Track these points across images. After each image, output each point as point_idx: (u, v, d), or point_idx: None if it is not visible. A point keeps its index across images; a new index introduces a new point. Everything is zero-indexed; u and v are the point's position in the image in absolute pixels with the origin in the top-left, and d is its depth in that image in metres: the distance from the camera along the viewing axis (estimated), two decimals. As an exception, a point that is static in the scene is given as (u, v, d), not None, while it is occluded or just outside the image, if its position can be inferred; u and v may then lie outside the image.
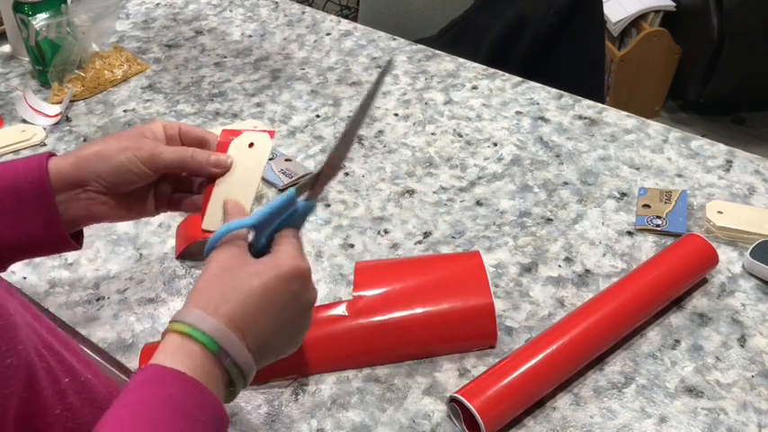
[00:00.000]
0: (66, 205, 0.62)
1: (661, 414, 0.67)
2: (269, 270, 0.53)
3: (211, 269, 0.53)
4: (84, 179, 0.61)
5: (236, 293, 0.51)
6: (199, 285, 0.53)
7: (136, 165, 0.61)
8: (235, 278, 0.52)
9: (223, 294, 0.51)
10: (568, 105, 1.08)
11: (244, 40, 1.28)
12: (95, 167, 0.61)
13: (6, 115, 1.10)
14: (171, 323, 0.51)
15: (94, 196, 0.62)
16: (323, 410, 0.68)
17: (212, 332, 0.49)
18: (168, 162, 0.62)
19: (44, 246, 0.63)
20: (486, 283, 0.72)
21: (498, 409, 0.64)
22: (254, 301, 0.52)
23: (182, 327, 0.50)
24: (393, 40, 1.26)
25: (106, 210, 0.63)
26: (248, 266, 0.53)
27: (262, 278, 0.52)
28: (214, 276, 0.53)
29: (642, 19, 2.35)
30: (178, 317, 0.51)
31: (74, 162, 0.61)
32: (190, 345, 0.49)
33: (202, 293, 0.52)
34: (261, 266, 0.53)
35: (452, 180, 0.95)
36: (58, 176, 0.61)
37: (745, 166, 0.95)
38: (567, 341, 0.68)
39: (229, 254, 0.54)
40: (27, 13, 1.09)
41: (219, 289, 0.52)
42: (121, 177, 0.61)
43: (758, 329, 0.74)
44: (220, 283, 0.52)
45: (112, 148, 0.62)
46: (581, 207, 0.90)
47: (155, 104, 1.12)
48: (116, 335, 0.76)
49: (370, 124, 1.06)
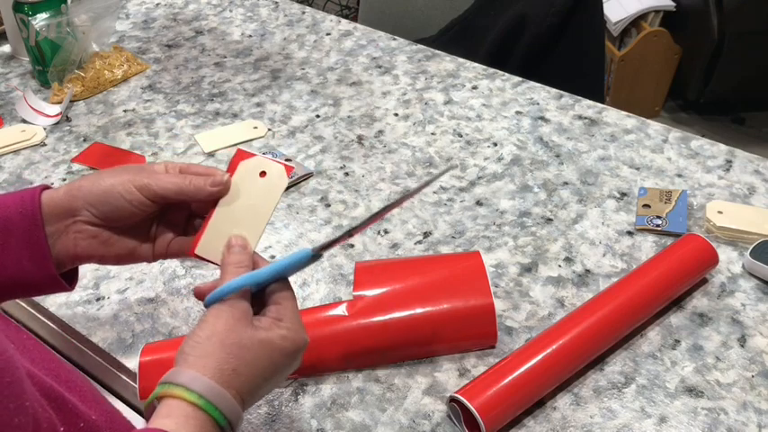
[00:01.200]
0: (56, 238, 0.59)
1: (661, 414, 0.67)
2: (276, 342, 0.53)
3: (219, 330, 0.52)
4: (75, 207, 0.59)
5: (248, 368, 0.51)
6: (206, 347, 0.51)
7: (130, 192, 0.58)
8: (245, 348, 0.52)
9: (235, 366, 0.51)
10: (568, 105, 1.08)
11: (244, 40, 1.28)
12: (88, 195, 0.59)
13: (6, 115, 1.10)
14: (179, 388, 0.49)
15: (84, 227, 0.60)
16: (323, 410, 0.68)
17: (224, 408, 0.49)
18: (164, 187, 0.59)
19: (31, 284, 0.60)
20: (487, 283, 0.72)
21: (498, 409, 0.64)
22: (261, 372, 0.52)
23: (195, 398, 0.48)
24: (393, 40, 1.26)
25: (95, 245, 0.60)
26: (257, 334, 0.52)
27: (269, 350, 0.52)
28: (225, 342, 0.51)
29: (642, 19, 2.35)
30: (189, 383, 0.49)
31: (67, 190, 0.59)
32: (200, 414, 0.48)
33: (213, 360, 0.50)
34: (268, 335, 0.53)
35: (452, 180, 0.95)
36: (50, 205, 0.58)
37: (745, 166, 0.95)
38: (567, 341, 0.68)
39: (237, 316, 0.53)
40: (27, 13, 1.09)
41: (231, 358, 0.51)
42: (113, 204, 0.59)
43: (758, 329, 0.74)
44: (232, 351, 0.51)
45: (108, 175, 0.59)
46: (581, 207, 0.90)
47: (155, 104, 1.12)
48: (116, 335, 0.76)
49: (370, 124, 1.06)
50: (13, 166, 1.00)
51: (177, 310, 0.78)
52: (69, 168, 1.00)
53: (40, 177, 0.98)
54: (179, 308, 0.79)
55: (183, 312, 0.78)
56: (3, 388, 0.41)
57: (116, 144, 1.04)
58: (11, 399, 0.41)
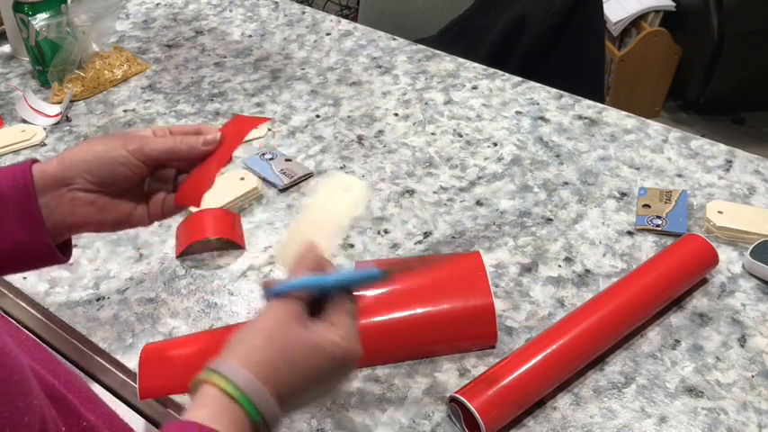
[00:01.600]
0: (51, 208, 0.59)
1: (661, 414, 0.67)
2: (325, 348, 0.52)
3: (268, 326, 0.51)
4: (69, 176, 0.59)
5: (289, 365, 0.50)
6: (252, 339, 0.51)
7: (124, 156, 0.59)
8: (290, 346, 0.51)
9: (276, 362, 0.50)
10: (568, 105, 1.08)
11: (244, 40, 1.28)
12: (81, 162, 0.59)
13: (6, 115, 1.10)
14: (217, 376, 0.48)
15: (80, 195, 0.60)
16: (323, 410, 0.68)
17: (259, 403, 0.48)
18: (158, 149, 0.60)
19: (29, 257, 0.60)
20: (487, 283, 0.72)
21: (498, 409, 0.64)
22: (302, 375, 0.51)
23: (230, 388, 0.48)
24: (393, 40, 1.26)
25: (93, 211, 0.61)
26: (306, 335, 0.51)
27: (317, 354, 0.51)
28: (270, 337, 0.51)
29: (642, 19, 2.35)
30: (227, 372, 0.49)
31: (59, 160, 0.60)
32: (235, 407, 0.48)
33: (254, 353, 0.50)
34: (317, 340, 0.52)
35: (452, 180, 0.95)
36: (42, 176, 0.59)
37: (745, 166, 0.95)
38: (567, 341, 0.68)
39: (290, 313, 0.52)
40: (27, 13, 1.09)
41: (272, 355, 0.50)
42: (109, 170, 0.60)
43: (758, 329, 0.74)
44: (276, 347, 0.50)
45: (99, 143, 0.60)
46: (581, 207, 0.90)
47: (155, 104, 1.12)
48: (116, 335, 0.76)
49: (370, 124, 1.06)
50: (13, 166, 1.00)
51: (177, 310, 0.78)
52: (69, 168, 0.99)
53: (40, 177, 0.98)
54: (179, 308, 0.79)
55: (182, 312, 0.78)
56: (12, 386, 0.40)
57: (116, 144, 1.04)
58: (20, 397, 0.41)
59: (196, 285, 0.81)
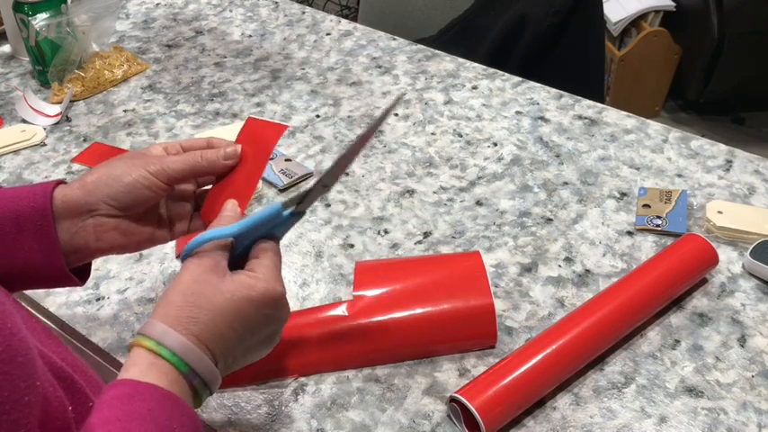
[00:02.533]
0: (72, 233, 0.59)
1: (661, 414, 0.67)
2: (242, 291, 0.53)
3: (184, 280, 0.53)
4: (92, 203, 0.59)
5: (207, 313, 0.51)
6: (170, 296, 0.52)
7: (146, 177, 0.59)
8: (207, 295, 0.52)
9: (194, 313, 0.51)
10: (568, 105, 1.08)
11: (244, 40, 1.28)
12: (104, 188, 0.59)
13: (6, 115, 1.10)
14: (139, 336, 0.50)
15: (104, 221, 0.60)
16: (323, 410, 0.68)
17: (182, 353, 0.49)
18: (179, 169, 0.60)
19: (42, 277, 0.60)
20: (487, 283, 0.72)
21: (498, 409, 0.64)
22: (223, 321, 0.52)
23: (151, 344, 0.49)
24: (393, 40, 1.26)
25: (117, 236, 0.61)
26: (222, 284, 0.53)
27: (234, 299, 0.52)
28: (186, 290, 0.52)
29: (642, 19, 2.35)
30: (147, 331, 0.50)
31: (80, 186, 0.59)
32: (161, 362, 0.49)
33: (172, 307, 0.51)
34: (234, 286, 0.53)
35: (452, 180, 0.95)
36: (65, 202, 0.59)
37: (745, 166, 0.95)
38: (567, 341, 0.68)
39: (205, 265, 0.53)
40: (27, 13, 1.09)
41: (190, 306, 0.51)
42: (133, 194, 0.60)
43: (758, 329, 0.74)
44: (192, 299, 0.51)
45: (119, 166, 0.60)
46: (581, 207, 0.90)
47: (155, 104, 1.12)
48: (116, 335, 0.76)
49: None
50: (13, 166, 1.00)
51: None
52: (69, 168, 0.99)
53: (40, 177, 0.98)
54: (179, 308, 0.79)
55: (182, 312, 0.78)
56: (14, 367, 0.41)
57: (116, 144, 1.04)
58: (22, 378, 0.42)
59: None
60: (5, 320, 0.42)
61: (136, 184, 0.59)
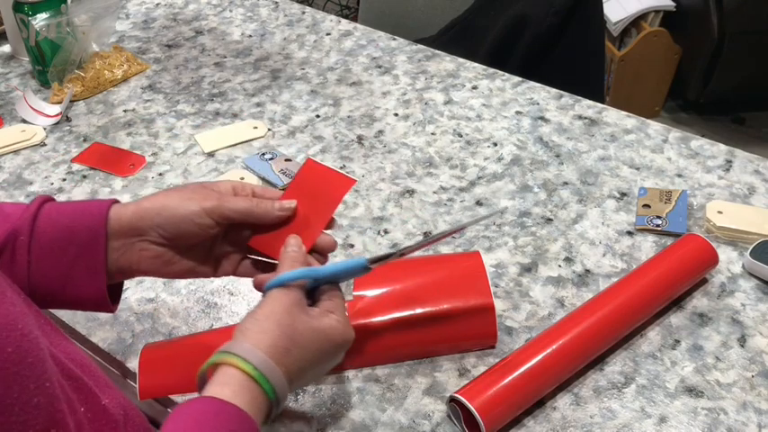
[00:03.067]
0: (120, 253, 0.60)
1: (661, 414, 0.67)
2: (328, 331, 0.57)
3: (277, 310, 0.56)
4: (143, 227, 0.60)
5: (298, 348, 0.55)
6: (264, 323, 0.55)
7: (198, 214, 0.60)
8: (299, 331, 0.55)
9: (288, 345, 0.54)
10: (568, 105, 1.08)
11: (244, 40, 1.28)
12: (156, 216, 0.60)
13: (6, 115, 1.10)
14: (235, 357, 0.52)
15: (150, 247, 0.61)
16: (323, 410, 0.68)
17: (275, 382, 0.53)
18: (234, 209, 0.61)
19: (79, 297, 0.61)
20: (486, 283, 0.72)
21: (498, 409, 0.64)
22: (309, 357, 0.56)
23: (248, 368, 0.52)
24: (393, 40, 1.26)
25: (158, 263, 0.62)
26: (311, 321, 0.57)
27: (321, 338, 0.56)
28: (281, 321, 0.55)
29: (642, 19, 2.35)
30: (244, 354, 0.52)
31: (135, 210, 0.60)
32: (253, 386, 0.52)
33: (268, 336, 0.54)
34: (321, 325, 0.57)
35: (452, 180, 0.95)
36: (118, 222, 0.60)
37: (745, 166, 0.95)
38: (567, 341, 0.68)
39: (293, 300, 0.57)
40: (27, 13, 1.09)
41: (285, 338, 0.54)
42: (181, 227, 0.60)
43: (758, 329, 0.74)
44: (287, 332, 0.55)
45: (176, 197, 0.61)
46: (581, 207, 0.90)
47: (155, 104, 1.12)
48: (116, 335, 0.76)
49: (370, 124, 1.06)
50: (13, 166, 1.00)
51: (177, 310, 0.78)
52: (69, 168, 1.00)
53: (39, 177, 0.98)
54: (179, 308, 0.79)
55: (182, 312, 0.78)
56: (24, 368, 0.42)
57: (116, 144, 1.04)
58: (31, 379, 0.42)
59: (196, 285, 0.81)
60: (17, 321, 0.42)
61: (186, 218, 0.60)
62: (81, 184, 0.96)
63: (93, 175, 0.98)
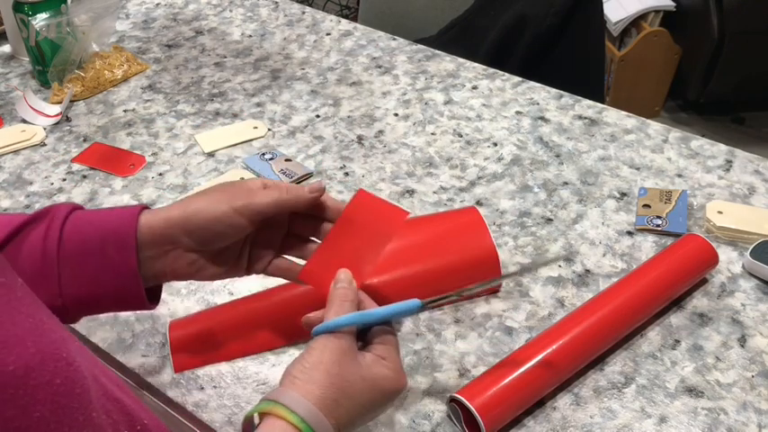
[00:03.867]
0: (153, 262, 0.60)
1: (661, 414, 0.67)
2: (380, 381, 0.55)
3: (326, 361, 0.54)
4: (173, 235, 0.59)
5: (348, 400, 0.53)
6: (312, 373, 0.53)
7: (228, 216, 0.59)
8: (349, 381, 0.54)
9: (337, 397, 0.53)
10: (568, 105, 1.08)
11: (244, 40, 1.28)
12: (186, 223, 0.59)
13: (6, 115, 1.10)
14: (283, 407, 0.51)
15: (183, 255, 0.60)
16: (323, 410, 0.68)
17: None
18: (265, 202, 0.60)
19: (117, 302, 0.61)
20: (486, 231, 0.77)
21: (498, 409, 0.64)
22: (359, 408, 0.54)
23: (297, 421, 0.50)
24: (393, 40, 1.26)
25: (193, 270, 0.61)
26: (362, 370, 0.55)
27: (372, 389, 0.54)
28: (331, 370, 0.53)
29: (642, 19, 2.35)
30: (294, 406, 0.51)
31: (165, 218, 0.59)
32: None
33: (317, 387, 0.52)
34: (372, 374, 0.55)
35: (452, 180, 0.95)
36: (150, 232, 0.59)
37: (745, 166, 0.95)
38: (567, 341, 0.68)
39: (344, 348, 0.55)
40: (27, 13, 1.09)
41: (334, 390, 0.53)
42: (212, 230, 0.59)
43: (758, 329, 0.74)
44: (336, 382, 0.53)
45: (204, 200, 0.60)
46: (581, 207, 0.90)
47: (155, 104, 1.12)
48: (116, 335, 0.76)
49: (370, 124, 1.06)
50: (13, 166, 1.00)
51: (177, 310, 0.78)
52: (69, 168, 1.00)
53: (40, 177, 0.98)
54: (179, 308, 0.79)
55: (183, 312, 0.78)
56: (73, 400, 0.40)
57: (116, 144, 1.04)
58: (80, 411, 0.40)
59: (196, 285, 0.81)
60: (61, 350, 0.40)
61: (217, 221, 0.59)
62: (81, 184, 0.96)
63: (93, 175, 0.98)
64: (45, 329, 0.40)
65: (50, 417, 0.37)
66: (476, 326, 0.75)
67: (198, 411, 0.68)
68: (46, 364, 0.37)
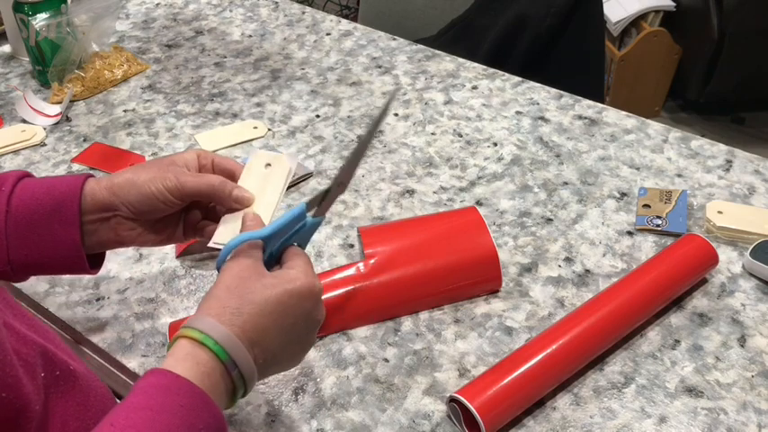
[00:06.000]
0: (95, 226, 0.64)
1: (661, 414, 0.67)
2: (284, 284, 0.54)
3: (226, 278, 0.54)
4: (114, 204, 0.63)
5: (251, 305, 0.52)
6: (213, 292, 0.53)
7: (162, 193, 0.62)
8: (250, 289, 0.53)
9: (238, 305, 0.52)
10: (568, 105, 1.08)
11: (244, 40, 1.28)
12: (126, 194, 0.63)
13: (6, 115, 1.10)
14: (183, 328, 0.51)
15: (123, 221, 0.64)
16: (323, 410, 0.68)
17: (224, 341, 0.50)
18: (192, 191, 0.63)
19: (59, 264, 0.64)
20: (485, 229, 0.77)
21: (498, 409, 0.64)
22: (267, 314, 0.53)
23: (194, 333, 0.50)
24: (393, 40, 1.26)
25: (134, 235, 0.65)
26: (264, 278, 0.54)
27: (276, 292, 0.53)
28: (229, 285, 0.53)
29: (642, 19, 2.35)
30: (191, 323, 0.51)
31: (107, 186, 0.63)
32: (200, 352, 0.50)
33: (216, 301, 0.53)
34: (276, 280, 0.54)
35: (452, 180, 0.95)
36: (93, 199, 0.63)
37: (745, 165, 0.95)
38: (567, 341, 0.68)
39: (245, 264, 0.55)
40: (27, 13, 1.09)
41: (234, 298, 0.52)
42: (149, 205, 0.63)
43: (758, 329, 0.74)
44: (236, 292, 0.53)
45: (142, 176, 0.63)
46: (581, 207, 0.90)
47: (155, 104, 1.12)
48: (116, 335, 0.76)
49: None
50: (13, 166, 1.00)
51: (177, 310, 0.78)
52: (69, 168, 0.99)
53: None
54: (179, 308, 0.79)
55: (183, 312, 0.78)
56: None
57: (116, 144, 1.04)
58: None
59: (196, 285, 0.81)
60: None
61: (152, 196, 0.63)
62: (81, 184, 0.96)
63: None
64: None
65: None
66: (476, 326, 0.75)
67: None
68: None
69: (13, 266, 0.62)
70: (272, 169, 0.66)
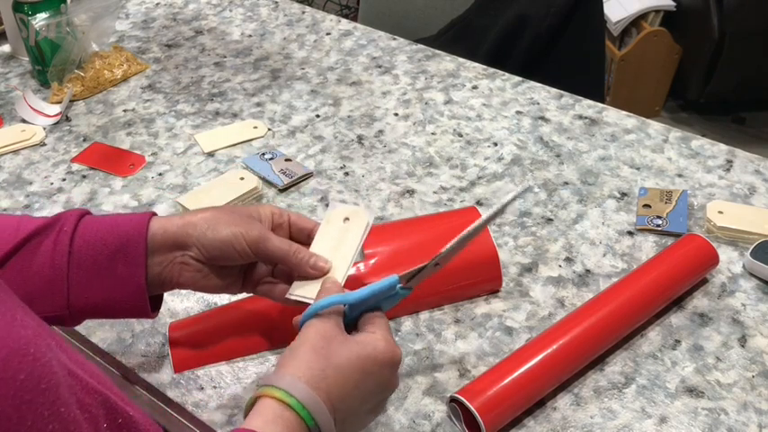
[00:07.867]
0: (162, 267, 0.62)
1: (661, 414, 0.67)
2: (368, 349, 0.54)
3: (311, 338, 0.54)
4: (187, 243, 0.61)
5: (335, 369, 0.53)
6: (299, 352, 0.53)
7: (241, 245, 0.61)
8: (336, 352, 0.53)
9: (323, 366, 0.53)
10: (568, 105, 1.08)
11: (244, 39, 1.28)
12: (201, 234, 0.61)
13: (6, 115, 1.10)
14: (270, 387, 0.51)
15: (191, 262, 0.62)
16: (323, 410, 0.68)
17: (311, 407, 0.51)
18: (272, 252, 0.62)
19: (119, 309, 0.62)
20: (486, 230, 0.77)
21: (498, 409, 0.64)
22: (350, 379, 0.53)
23: (283, 395, 0.51)
24: (393, 40, 1.26)
25: (198, 277, 0.63)
26: (348, 343, 0.54)
27: (361, 358, 0.54)
28: (315, 345, 0.54)
29: (642, 19, 2.35)
30: (276, 381, 0.51)
31: (182, 224, 0.61)
32: (289, 415, 0.50)
33: (302, 362, 0.53)
34: (360, 346, 0.54)
35: (452, 180, 0.95)
36: (164, 236, 0.61)
37: (745, 165, 0.95)
38: (567, 341, 0.68)
39: (329, 326, 0.55)
40: (27, 12, 1.09)
41: (320, 360, 0.53)
42: (221, 251, 0.61)
43: (759, 329, 0.74)
44: (321, 353, 0.53)
45: (223, 221, 0.62)
46: (581, 207, 0.90)
47: (155, 104, 1.12)
48: (116, 335, 0.76)
49: (370, 124, 1.06)
50: (13, 166, 1.00)
51: (177, 310, 0.78)
52: (69, 168, 0.99)
53: (39, 177, 0.98)
54: (179, 308, 0.79)
55: (183, 312, 0.78)
56: (37, 395, 0.41)
57: (116, 144, 1.04)
58: (45, 405, 0.41)
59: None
60: (29, 345, 0.41)
61: (229, 243, 0.61)
62: (81, 184, 0.96)
63: (93, 175, 0.98)
64: (15, 326, 0.41)
65: (12, 412, 0.38)
66: (476, 326, 0.75)
67: (198, 411, 0.68)
68: (10, 360, 0.38)
69: (72, 311, 0.60)
70: (349, 224, 0.66)
